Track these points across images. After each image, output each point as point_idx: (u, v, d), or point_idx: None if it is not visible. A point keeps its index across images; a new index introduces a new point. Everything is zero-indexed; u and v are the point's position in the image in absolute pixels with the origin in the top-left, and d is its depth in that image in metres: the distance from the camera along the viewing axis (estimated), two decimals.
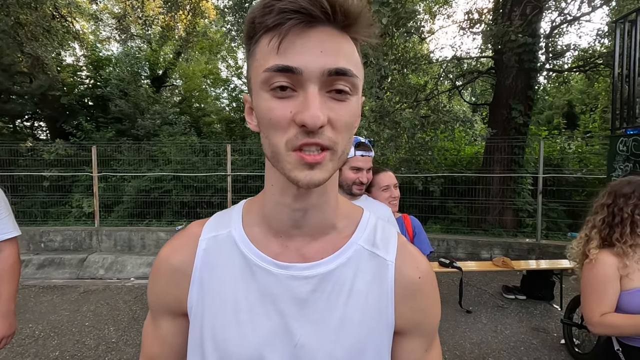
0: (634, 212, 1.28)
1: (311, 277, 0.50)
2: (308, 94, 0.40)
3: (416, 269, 0.54)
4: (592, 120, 9.06)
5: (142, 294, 4.45)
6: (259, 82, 0.43)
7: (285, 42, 0.40)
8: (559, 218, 6.47)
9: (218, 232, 0.55)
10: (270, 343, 0.49)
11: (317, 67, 0.40)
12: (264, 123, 0.44)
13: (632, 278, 1.26)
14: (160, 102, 11.38)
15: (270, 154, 0.45)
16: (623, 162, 3.19)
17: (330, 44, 0.41)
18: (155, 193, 7.42)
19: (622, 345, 1.31)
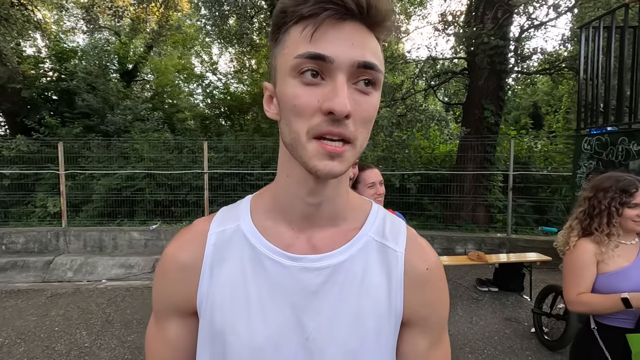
0: (610, 205, 1.39)
1: (323, 268, 0.50)
2: (337, 83, 0.41)
3: (424, 261, 0.54)
4: (556, 121, 9.57)
5: (115, 296, 4.29)
6: (287, 68, 0.43)
7: (319, 31, 0.41)
8: (526, 213, 6.79)
9: (226, 226, 0.54)
10: (281, 336, 0.49)
11: (347, 57, 0.41)
12: (288, 109, 0.44)
13: (608, 263, 1.38)
14: (131, 98, 10.96)
15: (289, 141, 0.45)
16: (587, 160, 3.39)
17: (360, 38, 0.42)
18: (127, 191, 7.14)
19: (598, 324, 1.42)
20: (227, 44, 12.53)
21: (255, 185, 7.28)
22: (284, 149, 0.50)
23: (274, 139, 8.44)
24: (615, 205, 1.39)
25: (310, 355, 0.49)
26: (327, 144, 0.42)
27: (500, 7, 5.75)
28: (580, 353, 1.48)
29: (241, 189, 7.35)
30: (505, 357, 2.98)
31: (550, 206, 6.86)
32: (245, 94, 15.04)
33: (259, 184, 7.28)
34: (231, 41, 11.97)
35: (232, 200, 2.82)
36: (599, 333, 1.41)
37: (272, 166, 7.51)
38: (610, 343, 1.38)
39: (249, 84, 15.18)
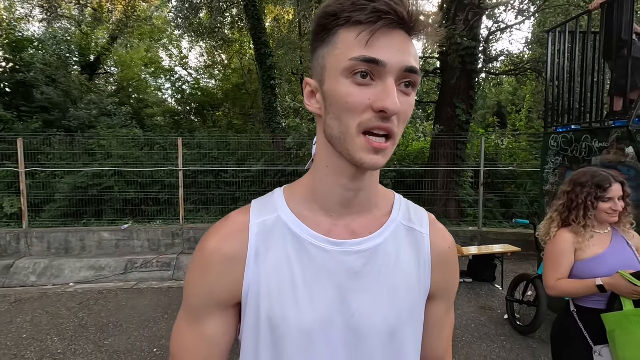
0: (587, 199, 1.51)
1: (363, 251, 0.54)
2: (388, 85, 0.46)
3: (446, 241, 0.62)
4: (520, 120, 10.11)
5: (87, 299, 4.08)
6: (339, 68, 0.47)
7: (374, 38, 0.45)
8: (494, 208, 7.15)
9: (266, 217, 0.56)
10: (329, 315, 0.52)
11: (397, 62, 0.46)
12: (339, 106, 0.48)
13: (584, 251, 1.50)
14: (94, 91, 10.40)
15: (337, 135, 0.49)
16: (554, 156, 3.62)
17: (405, 46, 0.47)
18: (94, 190, 6.79)
19: (577, 307, 1.54)
20: (198, 37, 12.19)
21: (230, 182, 7.16)
22: (324, 143, 0.54)
23: (248, 136, 8.33)
24: (591, 199, 1.51)
25: (356, 332, 0.53)
26: (373, 140, 0.47)
27: (471, 9, 5.98)
28: (562, 335, 1.60)
29: (216, 186, 7.20)
30: (482, 343, 3.14)
31: (516, 200, 7.25)
32: (217, 90, 14.72)
33: (235, 181, 7.16)
34: (202, 35, 11.66)
35: (207, 199, 2.85)
36: (578, 315, 1.52)
37: (247, 163, 7.40)
38: (588, 323, 1.49)
39: (221, 80, 14.85)
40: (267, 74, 8.62)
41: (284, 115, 9.70)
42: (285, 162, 7.32)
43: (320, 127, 0.54)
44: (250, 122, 12.06)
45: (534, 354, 2.94)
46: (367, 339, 0.53)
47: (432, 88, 10.18)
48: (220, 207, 6.96)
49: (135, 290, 4.42)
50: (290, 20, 11.44)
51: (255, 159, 7.49)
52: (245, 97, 13.67)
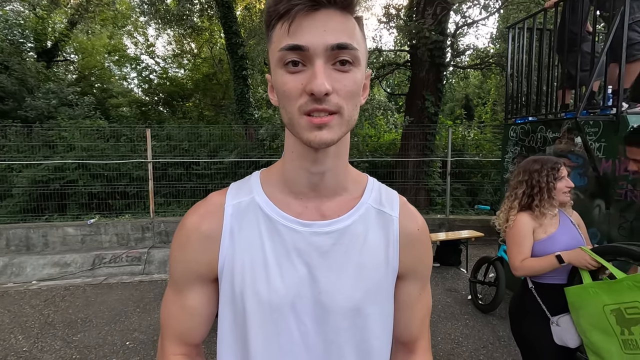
0: (548, 182, 1.63)
1: (332, 232, 0.58)
2: (315, 67, 0.47)
3: (415, 223, 0.65)
4: (485, 112, 10.54)
5: (53, 296, 3.94)
6: (275, 60, 0.50)
7: (294, 24, 0.47)
8: (461, 196, 7.48)
9: (241, 198, 0.60)
10: (298, 291, 0.56)
11: (321, 43, 0.47)
12: (281, 95, 0.51)
13: (540, 232, 1.63)
14: (53, 80, 9.82)
15: (287, 121, 0.52)
16: (513, 146, 3.85)
17: (332, 23, 0.48)
18: (55, 184, 6.47)
19: (535, 284, 1.67)
20: (165, 25, 11.72)
21: (201, 174, 7.04)
22: (287, 131, 0.57)
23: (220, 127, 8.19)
24: (551, 180, 1.64)
25: (322, 307, 0.57)
26: (313, 117, 0.48)
27: (439, 4, 6.15)
28: (520, 309, 1.72)
29: (187, 179, 7.06)
30: (447, 322, 3.34)
31: (481, 189, 7.62)
32: (186, 80, 14.27)
33: (206, 173, 7.05)
34: (169, 22, 11.22)
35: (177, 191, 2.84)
36: (536, 291, 1.66)
37: (219, 154, 7.30)
38: (546, 298, 1.63)
39: (191, 69, 14.41)
40: (239, 64, 8.48)
41: (256, 106, 9.60)
42: (258, 154, 7.28)
43: None
44: (222, 113, 11.82)
45: (494, 330, 3.17)
46: (333, 313, 0.57)
47: (403, 80, 10.40)
48: (192, 200, 6.83)
49: (105, 286, 4.31)
50: (262, 10, 11.24)
51: (228, 150, 7.39)
52: (216, 88, 13.35)
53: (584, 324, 1.49)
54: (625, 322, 1.33)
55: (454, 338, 3.08)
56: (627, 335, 1.32)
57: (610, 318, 1.38)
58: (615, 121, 2.69)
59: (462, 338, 3.07)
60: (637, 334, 1.29)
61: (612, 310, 1.37)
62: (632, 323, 1.31)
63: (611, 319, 1.37)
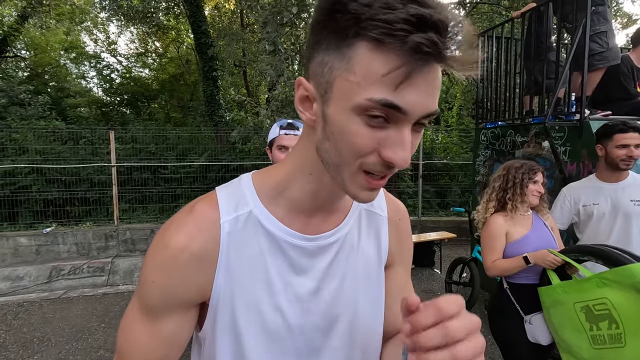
0: (522, 178, 1.74)
1: (334, 242, 0.56)
2: (404, 134, 0.40)
3: (398, 212, 0.66)
4: (452, 116, 10.93)
5: (4, 313, 3.59)
6: (352, 102, 0.39)
7: (410, 78, 0.37)
8: (431, 198, 7.68)
9: (238, 212, 0.53)
10: (304, 308, 0.54)
11: (422, 109, 0.39)
12: (343, 142, 0.42)
13: (513, 233, 1.72)
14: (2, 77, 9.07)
15: (334, 163, 0.45)
16: (484, 149, 3.99)
17: (436, 83, 0.39)
18: (5, 190, 5.95)
19: (509, 284, 1.75)
20: (128, 22, 11.20)
21: (170, 179, 6.75)
22: (314, 155, 0.48)
23: (189, 130, 7.90)
24: (525, 179, 1.74)
25: (328, 317, 0.56)
26: (373, 180, 0.44)
27: None
28: (497, 309, 1.81)
29: (153, 183, 6.74)
30: None
31: (449, 191, 7.87)
32: (151, 80, 13.68)
33: (174, 177, 6.77)
34: (133, 19, 10.73)
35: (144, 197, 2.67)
36: (511, 291, 1.74)
37: (188, 158, 7.04)
38: (520, 298, 1.72)
39: (156, 69, 13.83)
40: (209, 65, 8.24)
41: (227, 108, 9.37)
42: (229, 157, 7.09)
43: (311, 137, 0.48)
44: (190, 115, 11.44)
45: None
46: (339, 323, 0.56)
47: None
48: (160, 205, 6.54)
49: (64, 300, 3.99)
50: (232, 10, 11.02)
51: (197, 153, 7.14)
52: (184, 89, 12.91)
53: (556, 322, 1.55)
54: (595, 318, 1.39)
55: None
56: (595, 330, 1.38)
57: (580, 315, 1.44)
58: (579, 126, 2.84)
59: None
60: (605, 329, 1.35)
61: (582, 307, 1.43)
62: (601, 319, 1.37)
63: (581, 316, 1.43)
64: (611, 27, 2.99)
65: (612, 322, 1.32)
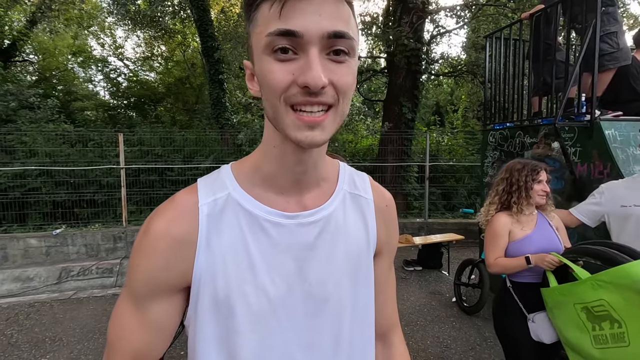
0: (526, 181, 1.73)
1: (317, 221, 0.56)
2: (309, 56, 0.42)
3: (384, 199, 0.67)
4: (457, 118, 10.94)
5: (16, 314, 3.62)
6: (261, 46, 0.44)
7: (287, 7, 0.41)
8: (437, 200, 7.66)
9: (216, 195, 0.54)
10: (288, 288, 0.53)
11: (317, 29, 0.42)
12: (266, 85, 0.45)
13: (516, 232, 1.73)
14: (12, 81, 9.19)
15: (271, 115, 0.47)
16: (492, 150, 3.99)
17: (328, 8, 0.42)
18: (15, 192, 6.01)
19: (512, 282, 1.77)
20: (135, 26, 11.32)
21: (176, 181, 6.79)
22: (268, 124, 0.52)
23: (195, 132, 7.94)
24: (529, 181, 1.74)
25: (314, 301, 0.55)
26: (304, 115, 0.44)
27: (415, 12, 6.32)
28: (501, 307, 1.82)
29: (160, 185, 6.78)
30: (435, 326, 3.37)
31: (455, 192, 7.84)
32: (157, 83, 13.79)
33: (181, 179, 6.80)
34: (140, 24, 10.84)
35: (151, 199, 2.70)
36: (514, 290, 1.75)
37: (195, 160, 7.08)
38: (522, 296, 1.73)
39: (162, 73, 13.94)
40: (215, 68, 8.30)
41: (233, 111, 9.42)
42: (235, 159, 7.09)
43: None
44: (196, 117, 11.52)
45: (480, 331, 3.23)
46: (325, 305, 0.55)
47: (380, 87, 10.59)
48: None
49: (74, 301, 4.02)
50: (238, 14, 11.11)
51: (203, 155, 7.18)
52: (189, 92, 12.99)
53: (559, 322, 1.56)
54: (596, 319, 1.38)
55: (442, 341, 3.10)
56: (598, 330, 1.38)
57: (581, 315, 1.44)
58: (590, 127, 2.84)
59: (450, 340, 3.11)
60: (607, 329, 1.34)
61: (582, 308, 1.43)
62: (602, 319, 1.36)
63: (582, 316, 1.43)
64: (621, 28, 2.99)
65: (613, 321, 1.32)
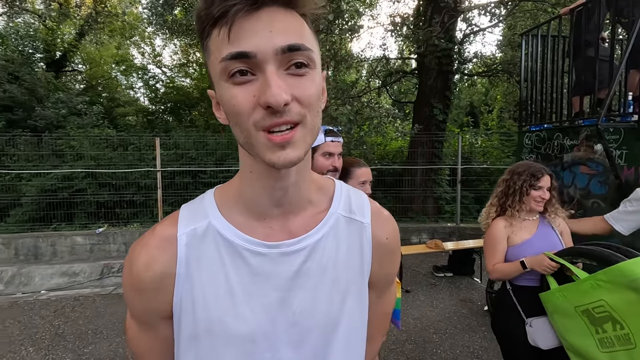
0: (522, 186, 1.69)
1: (301, 249, 0.53)
2: (267, 75, 0.41)
3: (385, 231, 0.61)
4: (492, 119, 10.53)
5: (62, 307, 3.90)
6: (217, 73, 0.43)
7: (234, 28, 0.41)
8: (469, 204, 7.40)
9: (196, 224, 0.53)
10: (270, 318, 0.52)
11: (269, 47, 0.41)
12: (231, 112, 0.44)
13: (515, 237, 1.70)
14: (62, 89, 9.91)
15: (242, 140, 0.46)
16: (528, 153, 3.80)
17: (278, 23, 0.42)
18: (64, 193, 6.48)
19: (512, 285, 1.74)
20: (172, 35, 11.84)
21: (209, 183, 7.03)
22: (242, 150, 0.51)
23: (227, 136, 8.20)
24: (525, 186, 1.69)
25: (298, 329, 0.53)
26: (274, 136, 0.42)
27: (447, 12, 6.17)
28: (499, 308, 1.80)
29: (194, 187, 7.05)
30: (465, 334, 3.26)
31: (489, 197, 7.53)
32: (192, 88, 14.37)
33: (213, 181, 7.03)
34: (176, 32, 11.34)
35: (184, 200, 2.76)
36: (513, 292, 1.72)
37: (226, 163, 7.30)
38: (522, 299, 1.69)
39: (197, 78, 14.52)
40: None
41: None
42: None
43: None
44: None
45: None
46: (311, 334, 0.53)
47: (410, 88, 10.41)
48: None
49: (114, 296, 4.26)
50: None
51: (235, 158, 7.39)
52: None
53: (561, 327, 1.51)
54: (597, 321, 1.34)
55: (472, 351, 2.99)
56: (601, 333, 1.33)
57: (583, 319, 1.39)
58: (637, 128, 2.64)
59: (481, 351, 2.99)
60: (610, 331, 1.29)
61: (583, 311, 1.38)
62: (603, 321, 1.32)
63: (584, 319, 1.38)
64: None
65: (615, 323, 1.28)
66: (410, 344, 3.11)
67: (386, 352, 2.97)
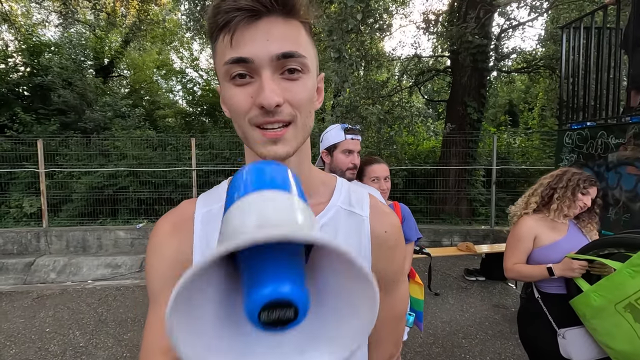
0: (578, 183, 1.62)
1: None
2: (262, 79, 0.46)
3: (383, 224, 0.61)
4: (532, 118, 9.99)
5: (106, 295, 4.19)
6: (222, 74, 0.49)
7: (236, 36, 0.46)
8: (506, 206, 7.06)
9: (212, 206, 0.59)
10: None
11: (265, 54, 0.46)
12: (231, 109, 0.50)
13: (543, 238, 1.61)
14: (109, 94, 10.61)
15: (241, 134, 0.51)
16: (569, 153, 3.59)
17: (275, 32, 0.46)
18: (109, 190, 6.95)
19: (541, 293, 1.63)
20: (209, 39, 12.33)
21: None
22: (245, 144, 0.56)
23: None
24: (581, 184, 1.62)
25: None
26: (267, 131, 0.48)
27: (482, 7, 5.94)
28: (526, 316, 1.69)
29: None
30: (496, 341, 3.13)
31: None
32: None
33: None
34: None
35: None
36: (543, 301, 1.61)
37: None
38: (552, 309, 1.58)
39: None
40: None
41: None
42: None
43: None
44: None
45: None
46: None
47: (443, 87, 10.12)
48: None
49: None
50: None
51: None
52: None
53: (603, 333, 1.36)
54: None
55: (504, 358, 2.88)
56: None
57: (626, 317, 1.24)
58: None
59: (513, 359, 2.86)
60: None
61: (625, 307, 1.24)
62: None
63: (628, 317, 1.23)
64: None
65: None
66: (437, 347, 3.04)
67: (412, 355, 2.93)
